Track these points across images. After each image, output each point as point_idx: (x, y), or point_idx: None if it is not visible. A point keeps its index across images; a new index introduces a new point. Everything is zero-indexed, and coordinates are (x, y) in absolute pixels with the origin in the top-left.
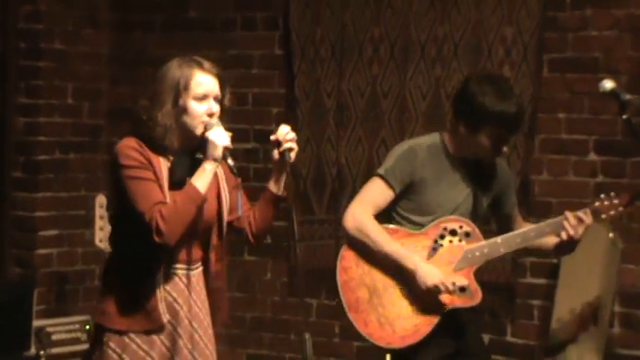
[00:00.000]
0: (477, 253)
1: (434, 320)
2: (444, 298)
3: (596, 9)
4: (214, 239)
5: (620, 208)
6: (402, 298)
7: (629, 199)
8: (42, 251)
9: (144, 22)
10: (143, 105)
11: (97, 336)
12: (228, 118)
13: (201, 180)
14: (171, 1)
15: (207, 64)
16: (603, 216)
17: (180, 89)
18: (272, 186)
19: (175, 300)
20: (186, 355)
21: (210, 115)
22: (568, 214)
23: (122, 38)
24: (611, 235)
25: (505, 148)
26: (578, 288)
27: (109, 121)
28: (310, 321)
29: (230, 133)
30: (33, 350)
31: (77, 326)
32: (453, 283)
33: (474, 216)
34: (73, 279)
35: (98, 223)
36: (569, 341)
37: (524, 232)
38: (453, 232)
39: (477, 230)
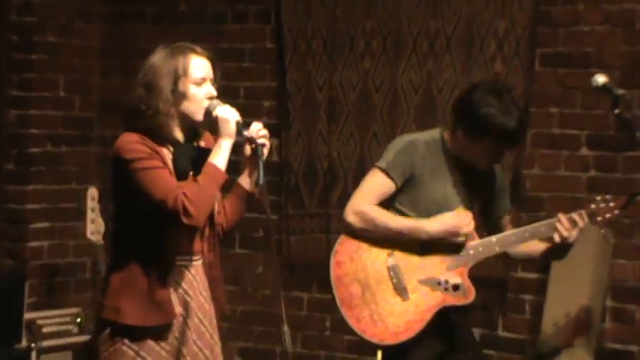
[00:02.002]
0: (471, 252)
1: (426, 317)
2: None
3: (588, 4)
4: (207, 230)
5: (616, 211)
6: (395, 294)
7: (625, 201)
8: (33, 244)
9: (135, 15)
10: (139, 95)
11: (109, 333)
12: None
13: (220, 157)
14: None
15: (199, 49)
16: (599, 218)
17: (179, 75)
18: (243, 182)
19: (186, 292)
20: (192, 346)
21: (210, 98)
22: (561, 216)
23: (114, 31)
24: (602, 230)
25: (499, 160)
26: (570, 283)
27: (101, 113)
28: (301, 315)
29: (234, 109)
30: (24, 343)
31: (68, 319)
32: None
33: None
34: (64, 271)
35: (89, 215)
36: (561, 336)
37: (519, 231)
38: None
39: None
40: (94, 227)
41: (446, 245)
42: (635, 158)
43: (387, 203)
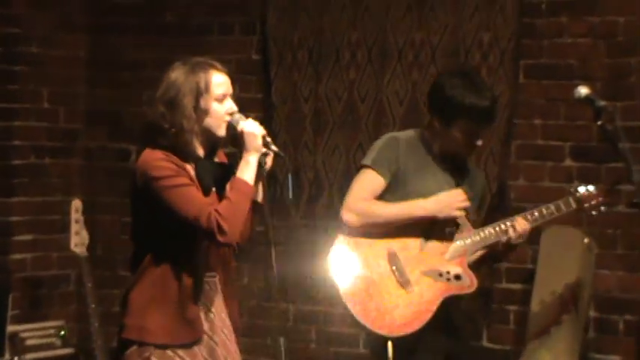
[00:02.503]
0: (469, 241)
1: (433, 307)
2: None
3: (572, 16)
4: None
5: (600, 199)
6: (399, 287)
7: (607, 190)
8: (17, 256)
9: (120, 26)
10: (161, 112)
11: (135, 351)
12: None
13: (248, 172)
14: (147, 4)
15: (218, 65)
16: (586, 205)
17: (201, 92)
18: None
19: (209, 308)
20: None
21: (232, 114)
22: (517, 218)
23: (98, 42)
24: (586, 240)
25: (479, 142)
26: (554, 293)
27: (85, 125)
28: (287, 326)
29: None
30: (7, 356)
31: (52, 331)
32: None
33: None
34: (48, 284)
35: (74, 227)
36: (545, 346)
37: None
38: (446, 223)
39: (467, 219)
40: (78, 239)
41: (444, 236)
42: (618, 169)
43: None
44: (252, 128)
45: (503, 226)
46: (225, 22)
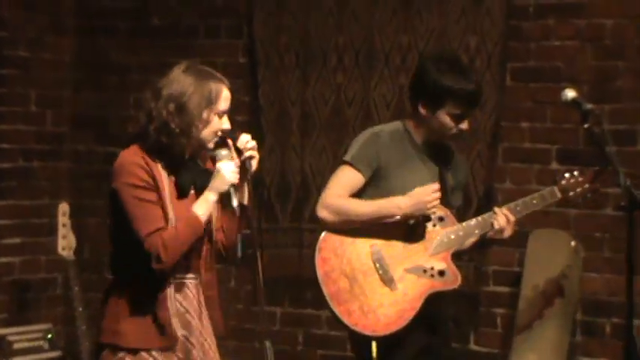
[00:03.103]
0: (452, 236)
1: (417, 305)
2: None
3: (559, 19)
4: (204, 249)
5: (586, 185)
6: (383, 285)
7: (593, 175)
8: (4, 259)
9: (107, 29)
10: (170, 111)
11: (109, 356)
12: None
13: (203, 209)
14: (134, 8)
15: (226, 80)
16: (571, 193)
17: (211, 102)
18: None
19: (187, 311)
20: None
21: (224, 131)
22: (497, 210)
23: (86, 45)
24: (572, 243)
25: (465, 125)
26: (541, 296)
27: (73, 128)
28: (274, 329)
29: (237, 170)
30: None
31: (39, 335)
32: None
33: (444, 202)
34: (35, 287)
35: (61, 231)
36: (532, 349)
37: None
38: (427, 218)
39: (450, 214)
40: (66, 243)
41: (427, 231)
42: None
43: (365, 198)
44: (226, 172)
45: (487, 218)
46: (212, 25)
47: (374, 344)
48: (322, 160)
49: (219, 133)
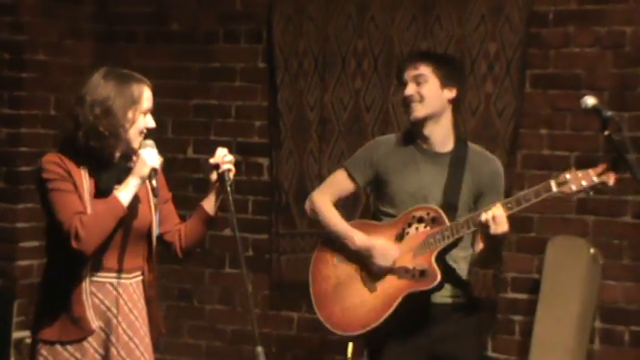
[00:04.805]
0: (439, 237)
1: (392, 303)
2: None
3: (579, 26)
4: (146, 250)
5: (595, 179)
6: (363, 286)
7: (607, 166)
8: (22, 263)
9: (126, 34)
10: (96, 115)
11: (32, 346)
12: (212, 130)
13: (125, 193)
14: (153, 13)
15: (147, 80)
16: (571, 187)
17: (135, 102)
18: (206, 205)
19: (108, 308)
20: None
21: (149, 129)
22: (486, 208)
23: (105, 50)
24: (592, 250)
25: (407, 90)
26: (559, 303)
27: None
28: (291, 334)
29: (161, 158)
30: None
31: None
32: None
33: (449, 207)
34: None
35: None
36: (550, 357)
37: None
38: (420, 220)
39: (443, 215)
40: None
41: (417, 234)
42: (624, 180)
43: (373, 206)
44: (146, 156)
45: (475, 216)
46: (231, 31)
47: (350, 346)
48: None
49: (145, 131)
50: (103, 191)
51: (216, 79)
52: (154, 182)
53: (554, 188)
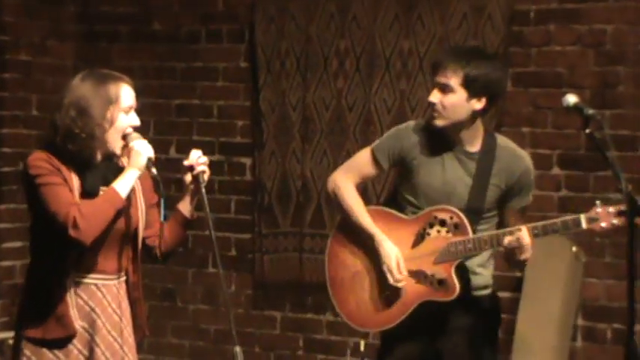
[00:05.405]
0: (460, 247)
1: (407, 308)
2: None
3: (560, 24)
4: (131, 251)
5: (614, 221)
6: (380, 282)
7: (623, 209)
8: (5, 263)
9: (109, 34)
10: (72, 117)
11: (15, 343)
12: (194, 130)
13: (123, 184)
14: (136, 13)
15: (126, 77)
16: (601, 224)
17: (112, 101)
18: (182, 208)
19: (93, 309)
20: None
21: (134, 127)
22: (513, 229)
23: (87, 50)
24: (574, 248)
25: (431, 97)
26: (541, 302)
27: None
28: (274, 334)
29: (150, 146)
30: None
31: None
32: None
33: (471, 210)
34: None
35: None
36: (532, 355)
37: (512, 230)
38: (443, 222)
39: (466, 223)
40: None
41: (438, 238)
42: (606, 178)
43: (395, 191)
44: (140, 147)
45: (500, 235)
46: (213, 31)
47: (362, 343)
48: (323, 164)
49: (128, 131)
50: (89, 192)
51: (199, 78)
52: (153, 171)
53: (584, 225)
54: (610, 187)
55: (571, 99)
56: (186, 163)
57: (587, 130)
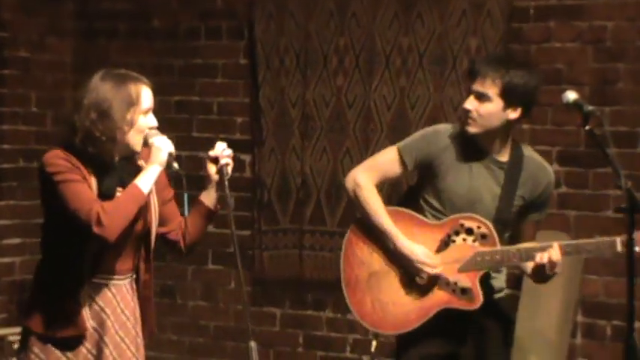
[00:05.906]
0: (487, 258)
1: (427, 313)
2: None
3: (560, 21)
4: (143, 250)
5: None
6: (400, 285)
7: None
8: (4, 259)
9: (108, 31)
10: (92, 119)
11: (23, 339)
12: (194, 127)
13: (145, 181)
14: (134, 10)
15: (145, 78)
16: (638, 249)
17: (132, 103)
18: (205, 199)
19: (103, 309)
20: None
21: (151, 128)
22: (545, 245)
23: (86, 47)
24: None
25: (466, 104)
26: (541, 298)
27: None
28: (274, 331)
29: (170, 141)
30: None
31: None
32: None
33: (499, 221)
34: None
35: None
36: (532, 351)
37: (543, 245)
38: (469, 231)
39: (494, 234)
40: None
41: (464, 246)
42: (605, 174)
43: (416, 191)
44: (160, 143)
45: (529, 250)
46: (212, 27)
47: (374, 343)
48: (322, 161)
49: (147, 131)
50: (105, 194)
51: (198, 75)
52: (175, 165)
53: (619, 248)
54: (609, 184)
55: (571, 96)
56: (211, 153)
57: (587, 127)
